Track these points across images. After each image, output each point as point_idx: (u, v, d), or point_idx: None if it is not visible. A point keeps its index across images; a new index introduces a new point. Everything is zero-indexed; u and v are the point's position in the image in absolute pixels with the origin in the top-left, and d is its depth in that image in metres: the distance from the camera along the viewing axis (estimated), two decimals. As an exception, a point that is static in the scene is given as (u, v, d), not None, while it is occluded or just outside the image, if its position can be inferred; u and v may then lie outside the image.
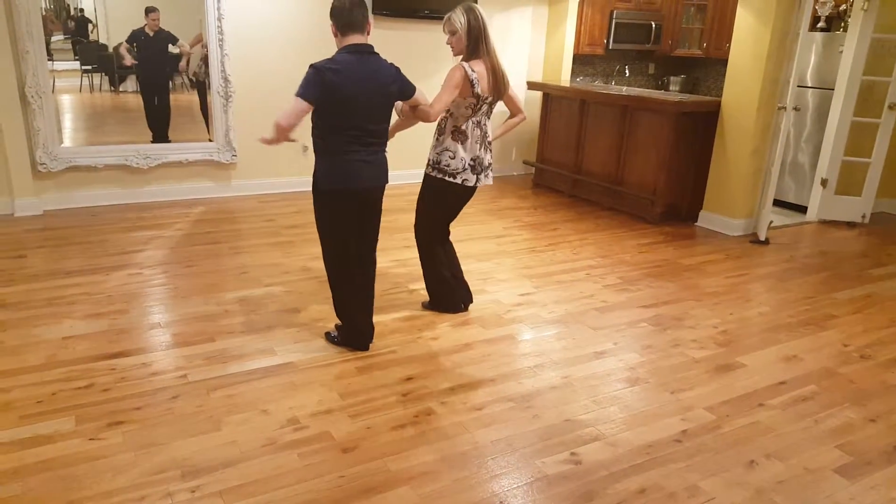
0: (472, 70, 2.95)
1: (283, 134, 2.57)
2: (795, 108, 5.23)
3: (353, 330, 2.98)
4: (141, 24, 5.10)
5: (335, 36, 2.70)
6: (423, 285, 3.48)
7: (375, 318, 3.09)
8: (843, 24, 5.58)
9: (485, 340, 3.17)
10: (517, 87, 6.55)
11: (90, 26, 5.07)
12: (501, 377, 2.83)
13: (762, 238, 4.90)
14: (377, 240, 2.98)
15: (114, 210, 4.95)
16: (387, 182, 2.88)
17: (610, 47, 6.94)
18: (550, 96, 6.24)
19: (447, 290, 3.41)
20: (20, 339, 2.93)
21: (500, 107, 3.23)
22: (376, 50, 2.73)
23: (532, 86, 6.36)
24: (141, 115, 5.27)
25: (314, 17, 5.40)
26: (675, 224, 5.27)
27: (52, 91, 4.77)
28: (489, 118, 3.16)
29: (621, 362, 3.01)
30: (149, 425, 2.36)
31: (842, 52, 5.21)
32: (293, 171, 5.58)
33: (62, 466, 2.12)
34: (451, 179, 3.11)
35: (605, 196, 5.73)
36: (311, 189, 2.83)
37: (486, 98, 3.04)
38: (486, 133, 3.15)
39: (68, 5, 5.03)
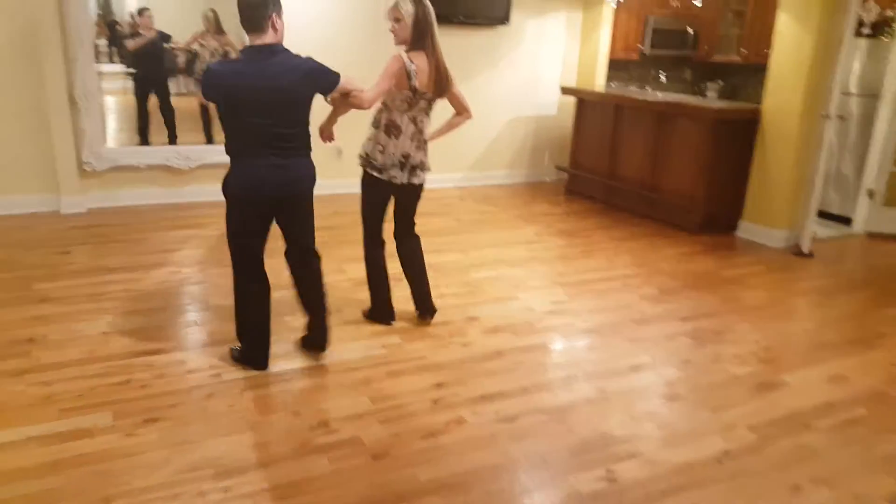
0: (412, 62, 2.82)
1: None
2: (840, 117, 5.08)
3: (253, 345, 2.80)
4: (182, 26, 5.20)
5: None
6: (458, 290, 3.45)
7: (407, 323, 3.07)
8: (889, 31, 5.39)
9: (517, 349, 3.13)
10: (550, 91, 6.55)
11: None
12: (534, 387, 2.79)
13: (805, 250, 4.76)
14: (311, 242, 2.86)
15: (154, 209, 5.05)
16: (305, 187, 2.70)
17: (645, 52, 6.84)
18: (584, 101, 6.18)
19: (377, 298, 3.25)
20: (62, 334, 2.99)
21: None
22: None
23: (566, 91, 6.31)
24: (184, 117, 5.38)
25: (348, 23, 5.44)
26: (713, 234, 5.15)
27: (98, 93, 4.89)
28: (428, 116, 3.02)
29: (659, 377, 2.94)
30: (183, 423, 2.39)
31: (888, 58, 5.04)
32: (329, 174, 5.56)
33: (99, 461, 2.15)
34: (377, 175, 2.98)
35: (641, 203, 5.64)
36: (343, 191, 2.82)
37: (425, 94, 2.91)
38: (423, 131, 3.02)
39: (113, 11, 5.18)
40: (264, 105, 2.47)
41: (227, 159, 2.61)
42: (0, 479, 2.05)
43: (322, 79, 2.59)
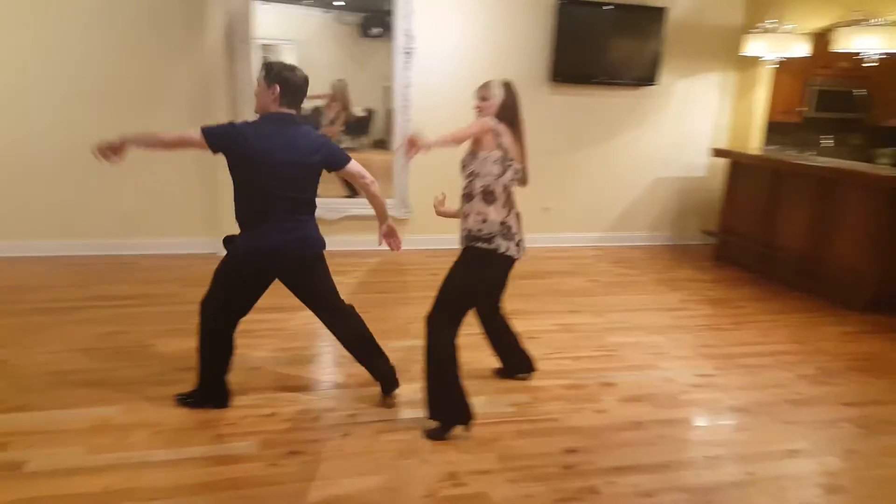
0: (498, 124, 2.68)
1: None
2: None
3: (215, 388, 2.81)
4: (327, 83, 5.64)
5: (266, 100, 2.61)
6: (592, 354, 3.33)
7: (535, 382, 3.00)
8: None
9: (657, 421, 2.94)
10: (698, 152, 6.32)
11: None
12: (675, 464, 2.60)
13: None
14: (338, 299, 2.92)
15: (304, 255, 5.42)
16: (320, 248, 2.78)
17: (808, 115, 6.41)
18: (738, 164, 5.87)
19: (454, 396, 2.74)
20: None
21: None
22: (553, 115, 2.72)
23: (718, 153, 6.04)
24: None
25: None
26: (883, 313, 4.59)
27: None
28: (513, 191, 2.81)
29: (818, 465, 2.63)
30: (321, 458, 2.48)
31: None
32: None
33: (244, 486, 2.28)
34: (485, 246, 2.68)
35: (799, 276, 5.18)
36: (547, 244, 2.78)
37: (513, 161, 2.71)
38: (515, 203, 2.80)
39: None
40: (288, 175, 2.59)
41: (367, 212, 2.73)
42: (158, 494, 2.24)
43: (333, 155, 2.73)
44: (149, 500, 2.20)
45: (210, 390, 2.81)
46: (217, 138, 2.53)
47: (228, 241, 2.74)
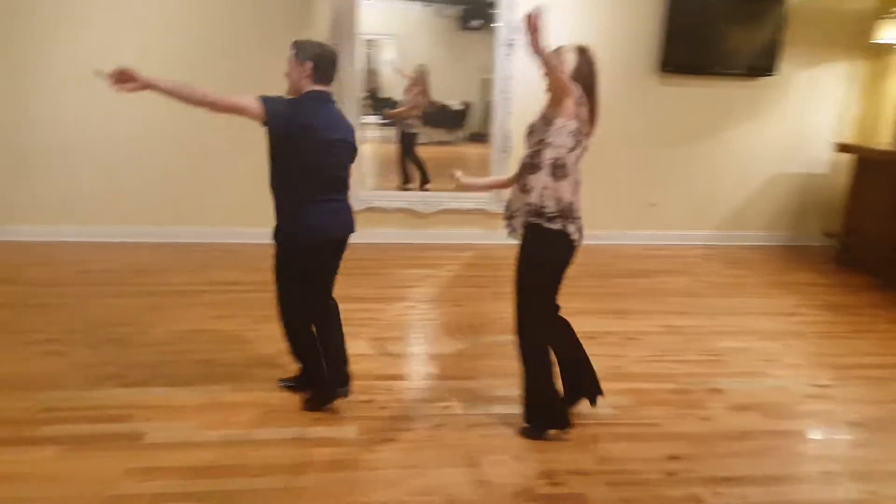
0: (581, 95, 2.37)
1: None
2: None
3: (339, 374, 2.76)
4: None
5: (298, 77, 2.53)
6: (698, 358, 3.16)
7: (636, 384, 2.89)
8: None
9: (767, 432, 2.75)
10: (820, 147, 5.86)
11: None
12: (787, 478, 2.42)
13: None
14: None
15: (398, 248, 5.50)
16: (350, 233, 2.74)
17: (951, 107, 5.78)
18: (867, 161, 5.37)
19: (550, 399, 2.61)
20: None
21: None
22: (661, 107, 2.50)
23: (843, 148, 5.56)
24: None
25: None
26: None
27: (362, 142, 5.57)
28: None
29: (953, 491, 2.36)
30: (416, 448, 2.51)
31: None
32: (642, 225, 5.68)
33: (343, 469, 2.34)
34: (549, 226, 2.38)
35: (934, 283, 4.68)
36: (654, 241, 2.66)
37: (584, 137, 2.40)
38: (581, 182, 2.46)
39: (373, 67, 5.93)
40: (335, 153, 2.55)
41: (462, 206, 2.64)
42: (263, 471, 2.34)
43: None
44: (254, 476, 2.30)
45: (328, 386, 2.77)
46: (275, 109, 2.41)
47: (281, 232, 2.67)
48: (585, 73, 2.39)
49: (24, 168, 5.13)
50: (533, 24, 2.01)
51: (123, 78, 2.31)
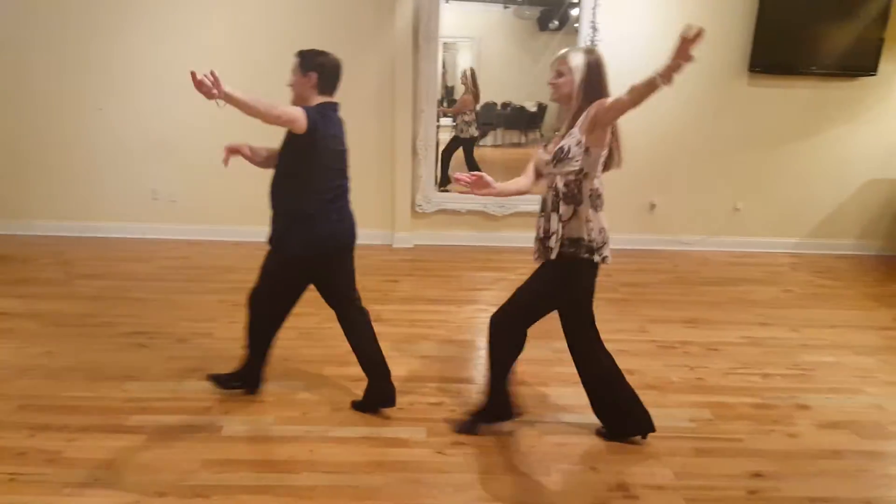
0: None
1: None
2: None
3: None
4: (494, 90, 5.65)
5: (303, 88, 2.54)
6: (785, 372, 2.99)
7: (717, 397, 2.76)
8: None
9: (860, 452, 2.58)
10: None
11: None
12: (880, 500, 2.27)
13: None
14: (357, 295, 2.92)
15: (469, 250, 5.50)
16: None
17: None
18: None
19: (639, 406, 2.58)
20: (388, 352, 3.37)
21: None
22: (750, 108, 2.39)
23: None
24: (493, 167, 5.86)
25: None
26: None
27: (435, 144, 5.58)
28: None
29: None
30: (486, 453, 2.48)
31: None
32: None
33: (413, 471, 2.35)
34: (591, 257, 2.37)
35: None
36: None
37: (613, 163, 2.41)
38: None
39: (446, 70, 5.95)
40: (346, 161, 2.68)
41: (537, 208, 2.59)
42: (335, 468, 2.37)
43: None
44: (326, 472, 2.34)
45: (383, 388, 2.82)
46: (314, 118, 2.45)
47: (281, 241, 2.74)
48: (595, 80, 2.28)
49: (128, 167, 5.43)
50: (689, 44, 1.82)
51: (207, 88, 2.15)
